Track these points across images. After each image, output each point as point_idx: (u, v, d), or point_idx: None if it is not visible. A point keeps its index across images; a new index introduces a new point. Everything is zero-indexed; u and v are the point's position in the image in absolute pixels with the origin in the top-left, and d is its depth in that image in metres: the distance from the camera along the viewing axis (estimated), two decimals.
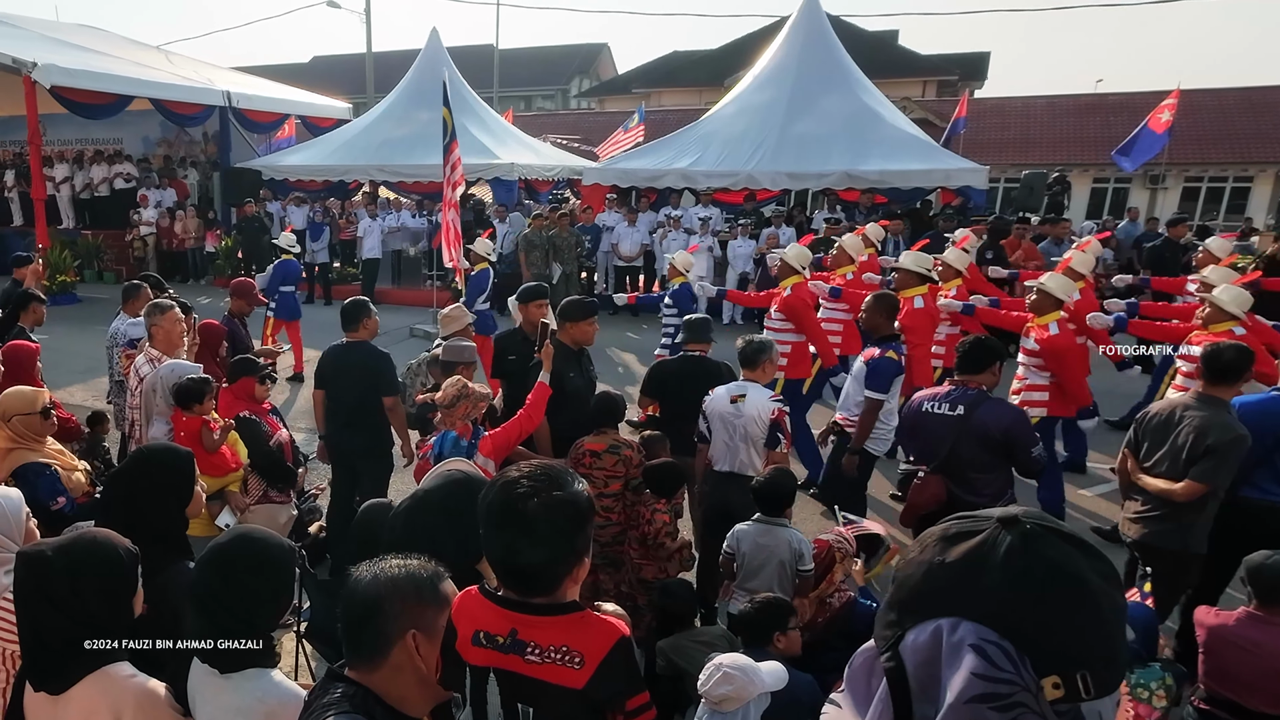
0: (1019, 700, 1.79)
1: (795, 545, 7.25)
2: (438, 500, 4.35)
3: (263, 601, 3.63)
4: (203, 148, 36.82)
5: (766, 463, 8.41)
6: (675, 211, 26.31)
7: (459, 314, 10.22)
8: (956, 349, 8.37)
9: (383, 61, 52.21)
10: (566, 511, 3.36)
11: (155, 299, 9.93)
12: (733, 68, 47.13)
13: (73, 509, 6.94)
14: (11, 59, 25.97)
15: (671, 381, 9.75)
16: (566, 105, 76.67)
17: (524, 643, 3.36)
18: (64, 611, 3.63)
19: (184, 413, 7.88)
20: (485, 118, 33.01)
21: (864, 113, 26.60)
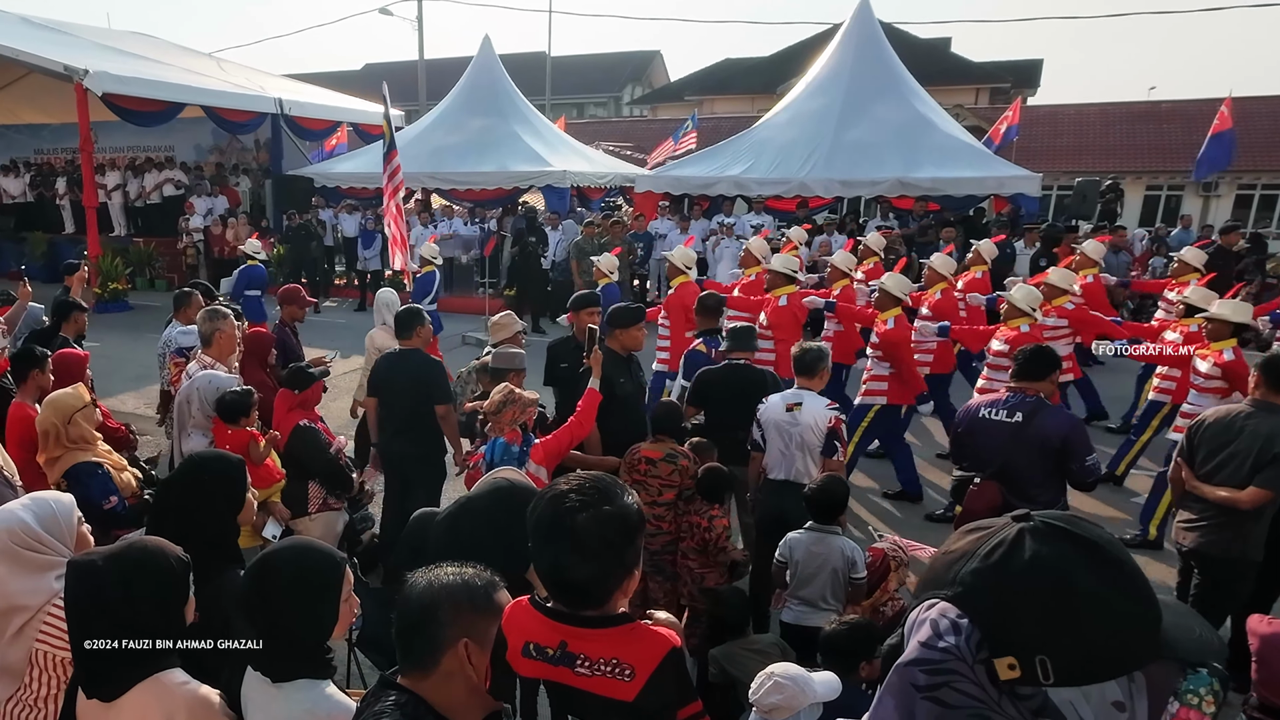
0: (950, 668, 2.04)
1: (848, 553, 7.25)
2: (481, 508, 4.42)
3: (307, 613, 3.59)
4: (254, 155, 36.86)
5: (823, 470, 8.31)
6: (728, 219, 26.24)
7: (509, 321, 10.19)
8: (1015, 356, 8.34)
9: (435, 69, 52.39)
10: (616, 525, 3.35)
11: (210, 306, 9.96)
12: (785, 75, 47.00)
13: (125, 509, 7.05)
14: (63, 66, 26.09)
15: (715, 389, 9.69)
16: (619, 112, 76.63)
17: (574, 655, 3.35)
18: (116, 620, 3.62)
19: (229, 426, 7.91)
20: (537, 125, 32.97)
21: (917, 120, 26.52)
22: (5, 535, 4.28)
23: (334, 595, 3.64)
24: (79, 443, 7.06)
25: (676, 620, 3.79)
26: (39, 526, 4.38)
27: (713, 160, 28.27)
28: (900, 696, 2.12)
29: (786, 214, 26.58)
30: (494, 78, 32.78)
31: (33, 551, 4.34)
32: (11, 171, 37.12)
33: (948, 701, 2.05)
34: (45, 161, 39.51)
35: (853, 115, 26.73)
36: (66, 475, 6.93)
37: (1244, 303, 10.97)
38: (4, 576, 4.28)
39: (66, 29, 33.95)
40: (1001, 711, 2.00)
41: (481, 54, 33.40)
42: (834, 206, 27.82)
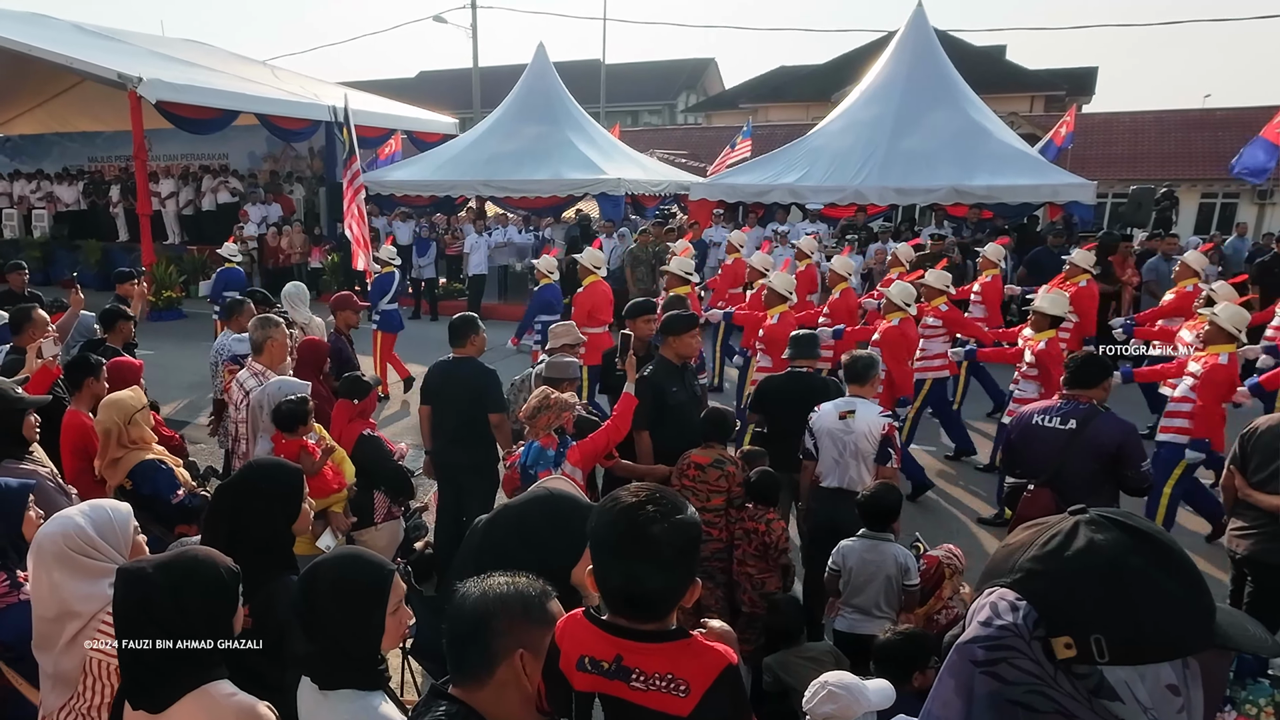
0: (1008, 644, 2.14)
1: (901, 560, 7.27)
2: (512, 516, 4.40)
3: (354, 624, 3.59)
4: (309, 163, 37.09)
5: (876, 478, 8.31)
6: (782, 227, 26.28)
7: (565, 329, 10.21)
8: (1066, 364, 8.31)
9: (489, 76, 52.40)
10: (689, 535, 3.34)
11: (263, 314, 9.98)
12: (840, 83, 46.90)
13: (192, 502, 7.19)
14: (117, 74, 26.33)
15: (778, 397, 9.77)
16: (673, 120, 76.59)
17: (629, 669, 3.30)
18: (164, 628, 3.61)
19: (284, 435, 7.91)
20: (592, 132, 33.02)
21: (971, 128, 26.60)
22: (61, 540, 4.30)
23: (382, 607, 3.64)
24: (139, 443, 7.17)
25: (731, 630, 3.75)
26: (95, 532, 4.38)
27: (767, 168, 28.30)
28: (959, 673, 2.21)
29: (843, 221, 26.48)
30: (548, 85, 32.84)
31: (88, 558, 4.33)
32: (65, 179, 37.60)
33: (1005, 677, 2.13)
34: (99, 169, 39.92)
35: (908, 123, 26.78)
36: (132, 474, 7.04)
37: (1061, 296, 12.04)
38: (59, 582, 4.29)
39: (120, 36, 34.19)
40: (1058, 688, 2.09)
41: (536, 62, 33.43)
42: (889, 214, 27.66)
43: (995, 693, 2.09)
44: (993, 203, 24.67)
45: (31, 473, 6.21)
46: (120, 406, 7.11)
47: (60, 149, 41.75)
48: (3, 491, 5.02)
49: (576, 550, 3.96)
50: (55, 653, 4.32)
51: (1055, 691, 2.04)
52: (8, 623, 4.76)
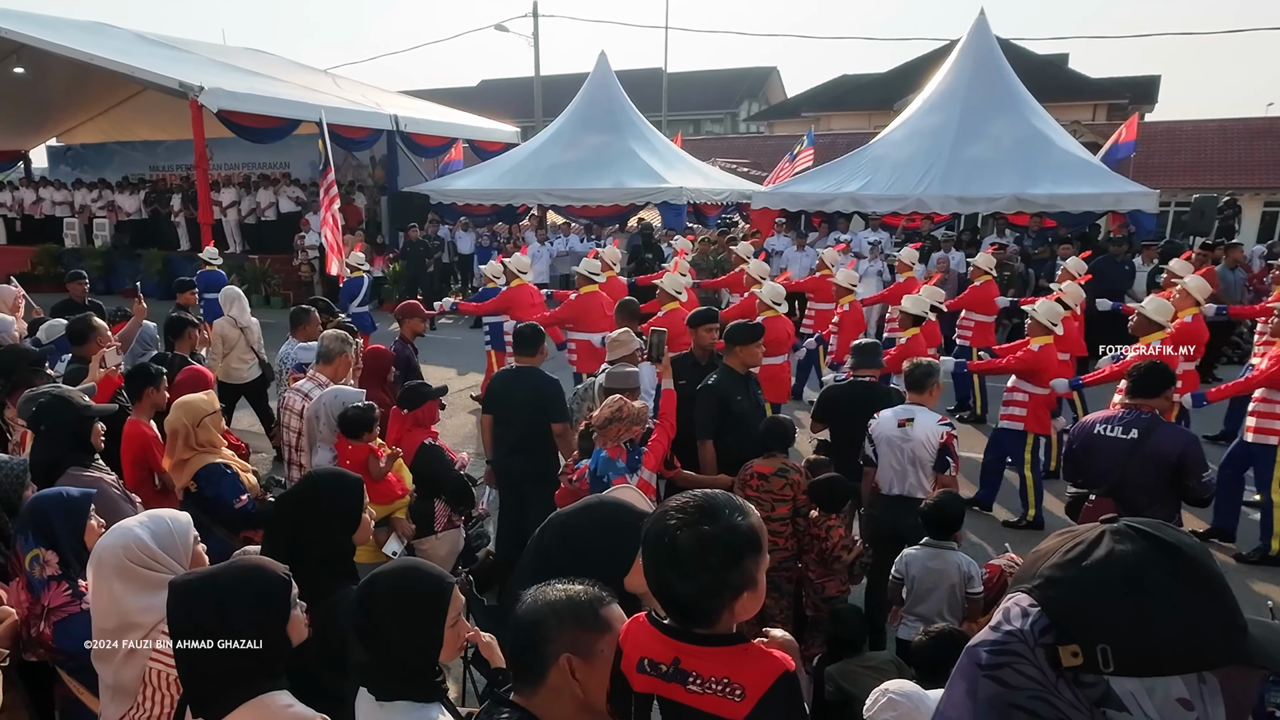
0: (1013, 650, 2.19)
1: (964, 569, 7.29)
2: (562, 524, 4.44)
3: (411, 635, 3.62)
4: (370, 172, 37.17)
5: (936, 486, 8.38)
6: (845, 236, 26.27)
7: (626, 339, 10.22)
8: (1129, 373, 8.37)
9: (551, 85, 52.42)
10: (715, 545, 3.23)
11: (338, 330, 10.03)
12: (902, 91, 46.74)
13: (255, 507, 7.21)
14: (179, 83, 26.84)
15: (840, 406, 9.83)
16: (735, 129, 76.61)
17: (686, 672, 3.29)
18: (214, 639, 3.64)
19: (350, 441, 7.96)
20: (654, 141, 33.22)
21: (1034, 136, 26.61)
22: (121, 552, 4.35)
23: (440, 618, 3.67)
24: (206, 446, 7.20)
25: (793, 639, 3.76)
26: (154, 544, 4.43)
27: (829, 177, 28.51)
28: (966, 676, 2.27)
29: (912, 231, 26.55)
30: (610, 94, 33.06)
31: (147, 569, 4.38)
32: (127, 188, 37.78)
33: (1008, 681, 2.19)
34: (160, 178, 40.13)
35: (970, 131, 26.94)
36: (197, 477, 7.08)
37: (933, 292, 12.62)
38: (119, 593, 4.33)
39: (181, 45, 34.57)
40: (1059, 696, 2.16)
41: (598, 70, 33.64)
42: (951, 223, 27.61)
43: (997, 696, 2.16)
44: (1055, 211, 24.62)
45: (97, 480, 6.25)
46: (191, 408, 7.16)
47: (122, 158, 42.13)
48: (65, 501, 5.08)
49: (625, 558, 3.98)
50: (115, 663, 4.38)
51: (1056, 699, 2.10)
52: (69, 632, 4.80)
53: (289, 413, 9.14)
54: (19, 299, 13.85)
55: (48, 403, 6.58)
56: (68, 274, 16.60)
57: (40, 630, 4.85)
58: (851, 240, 25.53)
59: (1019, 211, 25.10)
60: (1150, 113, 55.79)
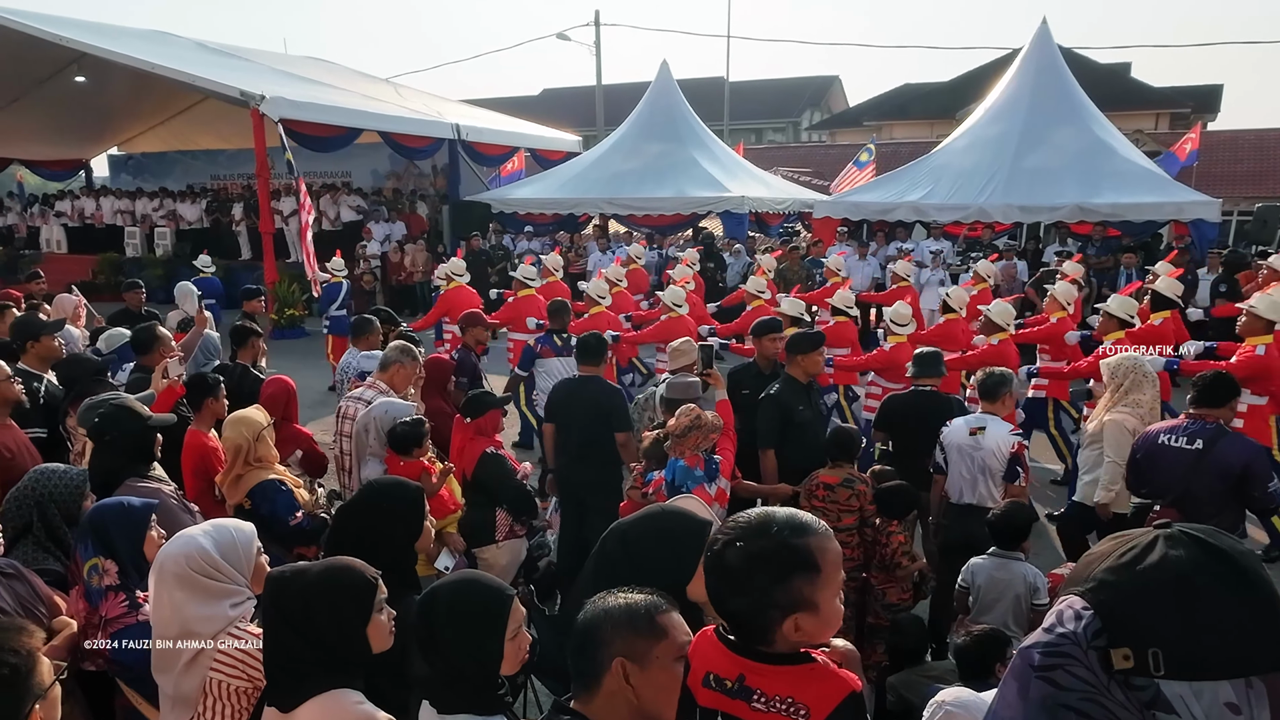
0: (1065, 651, 2.23)
1: (1030, 579, 7.31)
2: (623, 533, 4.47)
3: (471, 648, 3.63)
4: (431, 180, 37.53)
5: (1005, 496, 8.42)
6: (907, 245, 26.67)
7: (686, 348, 10.22)
8: (1194, 383, 8.29)
9: (613, 94, 52.66)
10: (762, 563, 3.29)
11: (401, 340, 10.05)
12: (964, 100, 46.58)
13: (309, 524, 7.21)
14: (240, 91, 26.98)
15: (902, 415, 9.92)
16: (797, 138, 76.49)
17: (751, 689, 3.33)
18: (298, 632, 3.76)
19: (401, 458, 7.99)
20: (715, 150, 33.32)
21: (1096, 145, 26.62)
22: (184, 561, 4.38)
23: (499, 630, 3.68)
24: (263, 461, 7.21)
25: (854, 649, 3.76)
26: (217, 554, 4.47)
27: (891, 185, 28.55)
28: (1019, 677, 2.31)
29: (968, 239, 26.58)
30: (672, 103, 33.23)
31: (210, 579, 4.42)
32: (188, 197, 38.42)
33: (1060, 683, 2.23)
34: (222, 187, 40.67)
35: (1032, 140, 26.90)
36: (252, 493, 7.09)
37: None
38: (181, 602, 4.36)
39: (243, 54, 34.84)
40: (1110, 697, 2.19)
41: (659, 79, 33.81)
42: (1013, 232, 27.52)
43: (1049, 697, 2.20)
44: (1117, 220, 24.65)
45: (155, 491, 6.26)
46: (250, 423, 7.17)
47: (183, 167, 42.83)
48: (126, 510, 5.13)
49: (685, 567, 4.06)
50: (175, 673, 4.40)
51: (1108, 701, 2.13)
52: (127, 643, 4.79)
53: (347, 421, 9.08)
54: (80, 308, 14.01)
55: (113, 412, 6.63)
56: (124, 283, 16.78)
57: (98, 640, 4.85)
58: (914, 249, 25.56)
59: (1081, 221, 24.98)
60: (1213, 121, 55.38)
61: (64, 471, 5.93)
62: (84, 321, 14.01)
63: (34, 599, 5.11)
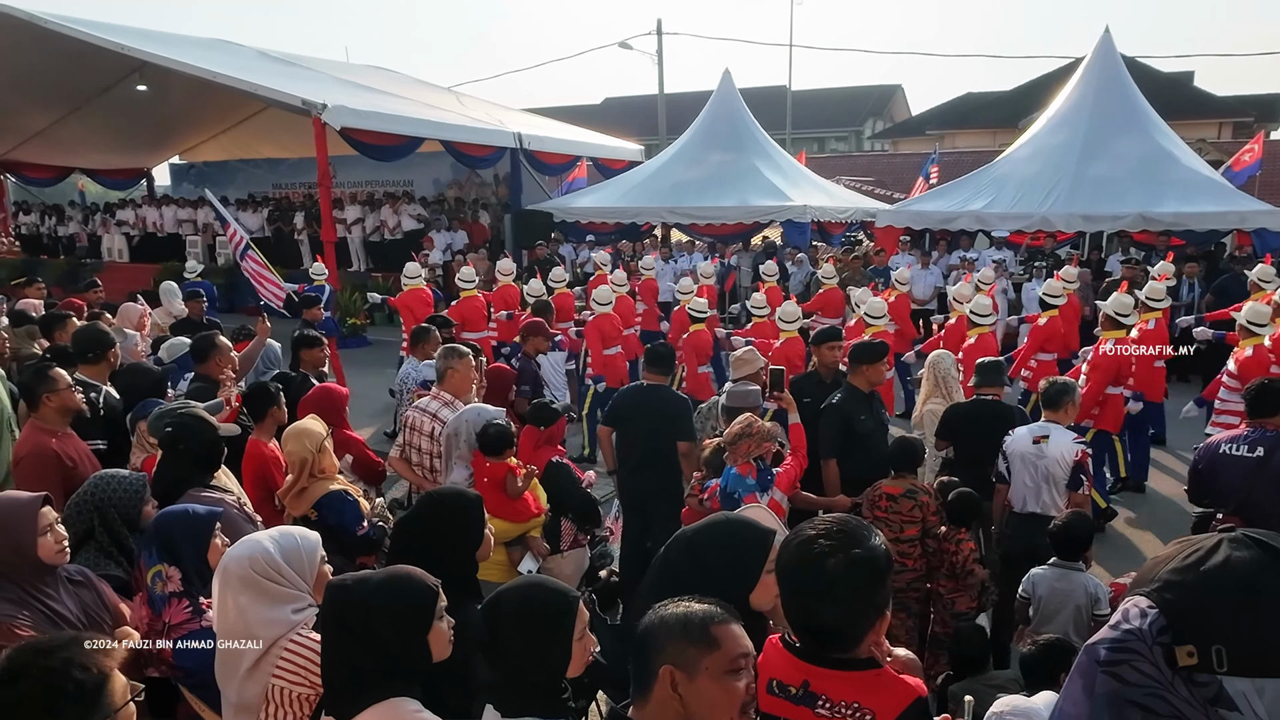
0: (1131, 648, 2.33)
1: (1092, 590, 7.41)
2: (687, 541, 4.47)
3: (537, 651, 3.68)
4: (493, 189, 37.71)
5: (1068, 505, 8.49)
6: (969, 254, 26.55)
7: (752, 357, 10.31)
8: (1245, 393, 8.56)
9: (675, 103, 52.77)
10: (865, 569, 3.39)
11: (448, 343, 10.09)
12: (1027, 109, 46.21)
13: (376, 534, 7.28)
14: (302, 100, 26.94)
15: (964, 424, 9.98)
16: (860, 147, 76.70)
17: (815, 695, 3.42)
18: (358, 640, 3.79)
19: (490, 459, 8.08)
20: (777, 159, 33.21)
21: (1159, 154, 26.47)
22: (248, 563, 4.47)
23: (566, 634, 3.72)
24: (326, 473, 7.29)
25: (916, 658, 3.80)
26: (281, 558, 4.55)
27: (954, 195, 28.63)
28: (1085, 674, 2.36)
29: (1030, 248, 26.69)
30: (734, 112, 33.16)
31: (272, 582, 4.49)
32: (250, 206, 39.00)
33: (1125, 678, 2.34)
34: (283, 196, 40.99)
35: (1094, 149, 26.82)
36: (318, 505, 7.16)
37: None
38: (245, 605, 4.44)
39: (304, 63, 35.08)
40: (1175, 693, 2.30)
41: (721, 88, 33.74)
42: (1075, 241, 27.42)
43: (1115, 693, 2.26)
44: (1180, 229, 24.46)
45: (218, 501, 6.32)
46: (311, 435, 7.26)
47: (244, 175, 43.29)
48: (191, 518, 5.27)
49: (748, 576, 4.15)
50: (238, 679, 4.45)
51: (1173, 696, 2.19)
52: (189, 649, 4.90)
53: (415, 432, 9.27)
54: (144, 316, 14.22)
55: (187, 421, 6.74)
56: (185, 292, 16.93)
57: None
58: (977, 259, 25.56)
59: (1144, 230, 25.00)
60: (1276, 131, 55.05)
61: (123, 477, 6.09)
62: (148, 330, 14.14)
63: (100, 607, 5.26)
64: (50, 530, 4.92)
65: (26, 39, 28.65)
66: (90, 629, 4.96)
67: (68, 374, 7.88)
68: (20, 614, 4.72)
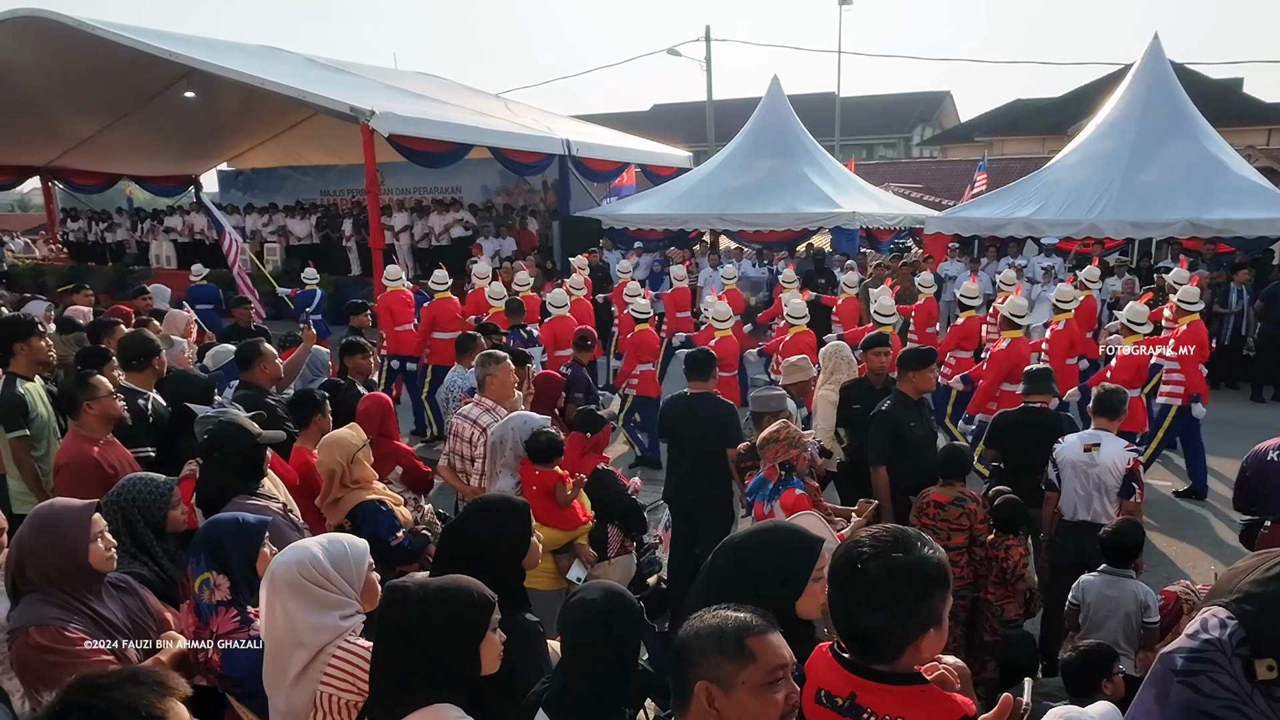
0: (1209, 658, 2.32)
1: (1141, 597, 7.45)
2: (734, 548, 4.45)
3: (616, 657, 3.82)
4: (542, 196, 37.76)
5: (1120, 512, 8.52)
6: (1019, 260, 26.90)
7: (804, 364, 10.48)
8: None
9: (723, 109, 52.90)
10: (908, 576, 3.31)
11: (489, 349, 10.08)
12: (1076, 116, 45.98)
13: (411, 544, 7.29)
14: (350, 107, 27.18)
15: (1012, 432, 10.01)
16: (908, 153, 76.17)
17: (861, 708, 3.34)
18: (412, 644, 3.81)
19: (539, 467, 7.98)
20: (826, 166, 33.32)
21: (1208, 161, 26.47)
22: (296, 569, 4.48)
23: (634, 641, 3.87)
24: (360, 482, 7.32)
25: (964, 665, 3.77)
26: (329, 564, 4.55)
27: (1003, 201, 28.69)
28: (1159, 682, 2.34)
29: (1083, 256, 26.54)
30: (782, 118, 33.30)
31: (320, 588, 4.50)
32: (298, 213, 39.25)
33: (1202, 689, 2.38)
34: (331, 203, 41.22)
35: (1143, 156, 26.87)
36: (352, 515, 7.20)
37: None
38: (292, 611, 4.44)
39: (352, 70, 35.32)
40: (1253, 706, 2.26)
41: (770, 94, 33.88)
42: (1124, 248, 27.33)
43: (1190, 703, 2.25)
44: (1229, 236, 24.58)
45: (263, 508, 6.33)
46: (342, 446, 7.30)
47: (292, 182, 43.52)
48: (240, 526, 5.25)
49: (795, 584, 4.14)
50: (286, 686, 4.45)
51: (1250, 710, 2.18)
52: (237, 658, 4.89)
53: (459, 440, 9.32)
54: (191, 323, 14.30)
55: (222, 429, 6.74)
56: (232, 300, 17.04)
57: (208, 655, 4.94)
58: (1025, 265, 25.78)
59: (1193, 236, 25.08)
60: None
61: (150, 480, 6.11)
62: (194, 337, 14.22)
63: (144, 613, 5.30)
64: (101, 537, 4.98)
65: (74, 46, 28.88)
66: (136, 635, 5.08)
67: (109, 380, 7.92)
68: (71, 619, 4.75)
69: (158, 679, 3.07)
